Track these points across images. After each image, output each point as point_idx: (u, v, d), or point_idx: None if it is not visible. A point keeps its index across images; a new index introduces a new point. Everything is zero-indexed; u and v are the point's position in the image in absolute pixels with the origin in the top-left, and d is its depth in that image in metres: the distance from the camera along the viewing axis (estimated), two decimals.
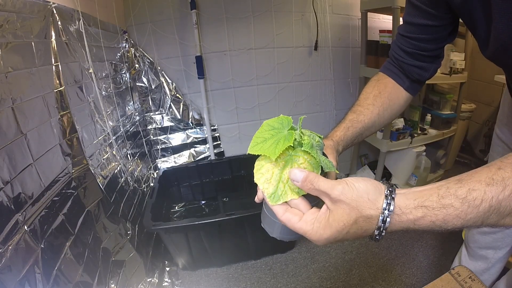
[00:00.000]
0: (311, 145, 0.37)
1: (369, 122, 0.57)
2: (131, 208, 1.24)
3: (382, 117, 0.58)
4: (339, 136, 0.54)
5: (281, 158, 0.38)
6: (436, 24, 0.53)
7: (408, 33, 0.57)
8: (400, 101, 0.61)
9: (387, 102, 0.58)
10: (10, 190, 0.61)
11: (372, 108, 0.57)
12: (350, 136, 0.54)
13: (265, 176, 0.38)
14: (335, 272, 1.32)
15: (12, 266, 0.58)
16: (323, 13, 1.69)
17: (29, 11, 0.74)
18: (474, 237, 0.87)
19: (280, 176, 0.37)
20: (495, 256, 0.84)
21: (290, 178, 0.36)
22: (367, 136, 0.59)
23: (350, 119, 0.56)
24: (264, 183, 0.38)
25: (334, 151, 0.50)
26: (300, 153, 0.38)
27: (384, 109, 0.58)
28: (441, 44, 0.56)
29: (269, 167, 0.38)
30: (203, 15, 1.52)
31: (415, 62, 0.58)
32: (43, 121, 0.77)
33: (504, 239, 0.81)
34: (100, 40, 1.13)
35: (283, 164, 0.38)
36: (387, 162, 1.92)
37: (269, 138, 0.38)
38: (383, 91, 0.59)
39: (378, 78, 0.62)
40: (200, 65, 1.56)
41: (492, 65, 0.53)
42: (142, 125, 1.60)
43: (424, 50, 0.56)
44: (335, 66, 1.82)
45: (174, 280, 1.28)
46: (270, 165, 0.38)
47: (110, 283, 0.93)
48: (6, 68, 0.65)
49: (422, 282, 1.25)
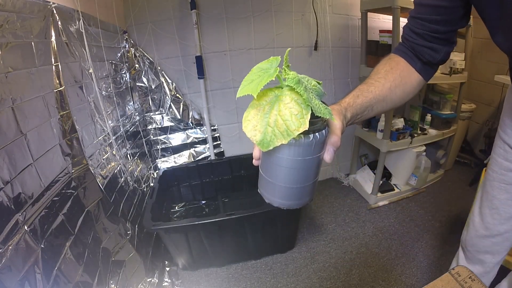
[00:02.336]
0: (297, 81, 0.34)
1: (380, 95, 0.54)
2: (131, 208, 1.24)
3: (393, 93, 0.56)
4: (347, 102, 0.50)
5: (267, 101, 0.35)
6: (447, 5, 0.53)
7: (419, 14, 0.57)
8: (412, 81, 0.60)
9: (398, 79, 0.57)
10: (10, 190, 0.61)
11: (384, 81, 0.56)
12: (359, 104, 0.51)
13: (252, 123, 0.34)
14: (335, 272, 1.32)
15: (12, 266, 0.58)
16: (323, 13, 1.69)
17: (29, 11, 0.74)
18: (472, 240, 0.85)
19: (267, 120, 0.34)
20: (493, 260, 0.83)
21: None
22: (378, 112, 0.57)
23: (359, 88, 0.54)
24: (251, 131, 0.34)
25: (340, 115, 0.46)
26: (287, 92, 0.34)
27: (395, 85, 0.56)
28: (452, 27, 0.56)
29: (255, 113, 0.35)
30: (203, 15, 1.52)
31: (426, 43, 0.57)
32: (43, 121, 0.77)
33: (503, 243, 0.80)
34: (100, 40, 1.13)
35: (268, 107, 0.34)
36: (387, 162, 1.92)
37: (255, 79, 0.35)
38: (395, 68, 0.58)
39: (389, 57, 0.62)
40: (200, 65, 1.56)
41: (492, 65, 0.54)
42: (142, 125, 1.60)
43: (435, 32, 0.56)
44: (335, 66, 1.82)
45: (174, 280, 1.28)
46: (256, 111, 0.35)
47: (110, 283, 0.93)
48: (6, 68, 0.65)
49: (422, 282, 1.25)
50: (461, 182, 2.01)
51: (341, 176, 2.11)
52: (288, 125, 0.33)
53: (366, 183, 1.90)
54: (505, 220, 0.75)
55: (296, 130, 0.32)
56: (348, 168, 2.10)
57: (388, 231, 1.57)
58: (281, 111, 0.33)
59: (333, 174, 2.14)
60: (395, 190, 1.85)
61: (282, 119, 0.33)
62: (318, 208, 1.80)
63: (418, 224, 1.61)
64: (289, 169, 0.37)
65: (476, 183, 1.20)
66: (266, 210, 1.20)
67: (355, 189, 1.98)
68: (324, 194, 1.94)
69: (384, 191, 1.83)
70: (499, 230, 0.77)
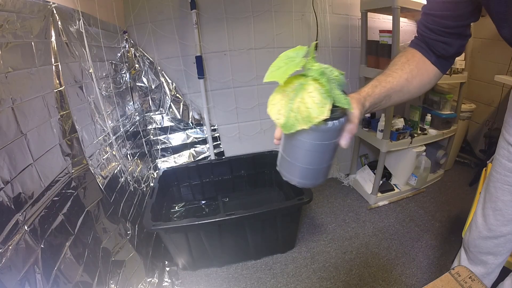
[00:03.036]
0: (321, 72, 0.37)
1: (398, 85, 0.56)
2: (131, 208, 1.24)
3: (411, 83, 0.58)
4: (366, 92, 0.52)
5: (291, 88, 0.38)
6: (456, 0, 0.54)
7: (430, 10, 0.59)
8: (428, 73, 0.61)
9: (415, 70, 0.58)
10: (10, 190, 0.61)
11: (401, 73, 0.57)
12: (377, 94, 0.53)
13: (277, 107, 0.38)
14: (335, 272, 1.32)
15: (12, 266, 0.58)
16: (323, 13, 1.69)
17: (29, 11, 0.74)
18: (475, 242, 0.85)
19: (291, 106, 0.37)
20: (495, 261, 0.83)
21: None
22: (395, 102, 0.58)
23: (377, 78, 0.56)
24: (275, 114, 0.38)
25: (359, 104, 0.47)
26: (310, 82, 0.37)
27: (412, 76, 0.58)
28: (463, 22, 0.57)
29: (280, 98, 0.38)
30: (203, 15, 1.52)
31: (438, 37, 0.58)
32: (43, 121, 0.77)
33: (506, 244, 0.79)
34: (100, 40, 1.13)
35: (293, 94, 0.37)
36: (387, 162, 1.92)
37: (282, 66, 0.38)
38: (411, 60, 0.60)
39: (406, 50, 0.63)
40: (200, 65, 1.56)
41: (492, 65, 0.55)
42: (142, 125, 1.60)
43: (446, 27, 0.57)
44: (335, 66, 1.77)
45: (174, 280, 1.28)
46: (282, 96, 0.38)
47: (110, 283, 0.93)
48: (6, 68, 0.65)
49: (422, 282, 1.25)
50: (461, 182, 2.01)
51: (341, 176, 2.11)
52: (310, 113, 0.36)
53: (366, 183, 1.90)
54: (509, 221, 0.75)
55: (316, 117, 0.35)
56: (348, 168, 2.10)
57: (388, 231, 1.57)
58: (304, 99, 0.36)
59: (333, 174, 2.14)
60: (395, 190, 1.85)
61: (305, 107, 0.36)
62: (318, 208, 1.80)
63: (418, 224, 1.61)
64: (307, 151, 0.40)
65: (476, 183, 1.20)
66: (266, 210, 1.20)
67: (355, 189, 1.98)
68: (324, 194, 1.94)
69: (384, 191, 1.83)
70: (502, 231, 0.77)
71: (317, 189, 1.97)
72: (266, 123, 1.82)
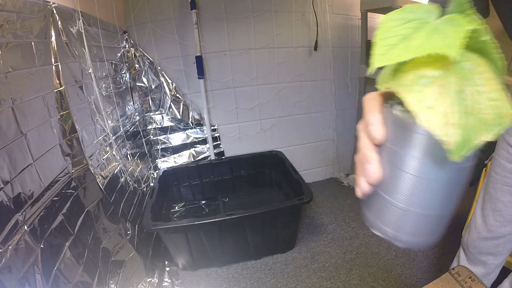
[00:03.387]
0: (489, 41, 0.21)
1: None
2: (131, 208, 1.24)
3: None
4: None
5: (445, 71, 0.20)
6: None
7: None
8: None
9: None
10: (10, 190, 0.61)
11: None
12: None
13: (440, 111, 0.19)
14: (335, 272, 1.32)
15: (12, 266, 0.58)
16: (323, 13, 1.69)
17: (29, 11, 0.74)
18: (474, 242, 0.85)
19: (465, 103, 0.19)
20: (494, 262, 0.83)
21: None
22: None
23: None
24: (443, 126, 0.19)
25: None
26: (474, 57, 0.20)
27: None
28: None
29: (439, 92, 0.20)
30: (203, 15, 1.52)
31: None
32: (43, 121, 0.77)
33: (506, 244, 0.79)
34: (100, 40, 1.13)
35: (457, 80, 0.20)
36: None
37: (412, 32, 0.21)
38: None
39: None
40: (200, 65, 1.56)
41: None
42: (142, 125, 1.60)
43: None
44: (335, 66, 1.82)
45: (174, 280, 1.28)
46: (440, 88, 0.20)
47: (110, 283, 0.93)
48: (6, 68, 0.65)
49: (422, 282, 1.24)
50: None
51: (341, 176, 2.11)
52: (499, 107, 0.19)
53: None
54: (508, 222, 0.75)
55: (509, 114, 0.19)
56: (348, 168, 2.10)
57: None
58: (478, 87, 0.20)
59: (333, 174, 2.14)
60: None
61: (487, 98, 0.20)
62: (318, 208, 1.79)
63: None
64: (430, 181, 0.23)
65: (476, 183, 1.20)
66: (266, 210, 1.20)
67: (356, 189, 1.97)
68: (324, 194, 1.94)
69: None
70: (502, 232, 0.77)
71: (317, 189, 1.97)
72: (266, 123, 1.82)
